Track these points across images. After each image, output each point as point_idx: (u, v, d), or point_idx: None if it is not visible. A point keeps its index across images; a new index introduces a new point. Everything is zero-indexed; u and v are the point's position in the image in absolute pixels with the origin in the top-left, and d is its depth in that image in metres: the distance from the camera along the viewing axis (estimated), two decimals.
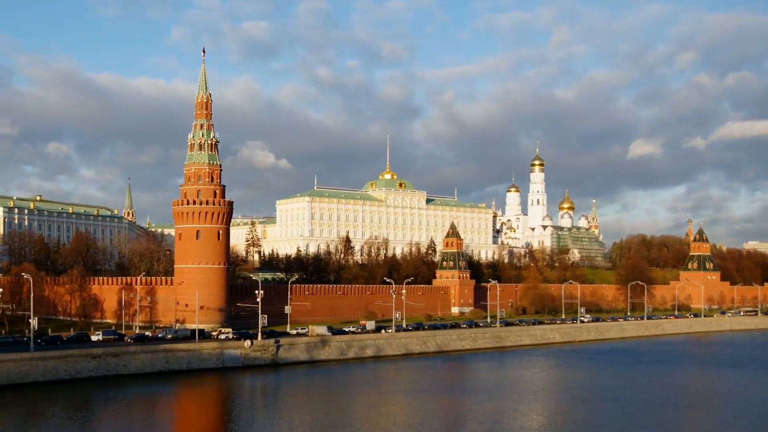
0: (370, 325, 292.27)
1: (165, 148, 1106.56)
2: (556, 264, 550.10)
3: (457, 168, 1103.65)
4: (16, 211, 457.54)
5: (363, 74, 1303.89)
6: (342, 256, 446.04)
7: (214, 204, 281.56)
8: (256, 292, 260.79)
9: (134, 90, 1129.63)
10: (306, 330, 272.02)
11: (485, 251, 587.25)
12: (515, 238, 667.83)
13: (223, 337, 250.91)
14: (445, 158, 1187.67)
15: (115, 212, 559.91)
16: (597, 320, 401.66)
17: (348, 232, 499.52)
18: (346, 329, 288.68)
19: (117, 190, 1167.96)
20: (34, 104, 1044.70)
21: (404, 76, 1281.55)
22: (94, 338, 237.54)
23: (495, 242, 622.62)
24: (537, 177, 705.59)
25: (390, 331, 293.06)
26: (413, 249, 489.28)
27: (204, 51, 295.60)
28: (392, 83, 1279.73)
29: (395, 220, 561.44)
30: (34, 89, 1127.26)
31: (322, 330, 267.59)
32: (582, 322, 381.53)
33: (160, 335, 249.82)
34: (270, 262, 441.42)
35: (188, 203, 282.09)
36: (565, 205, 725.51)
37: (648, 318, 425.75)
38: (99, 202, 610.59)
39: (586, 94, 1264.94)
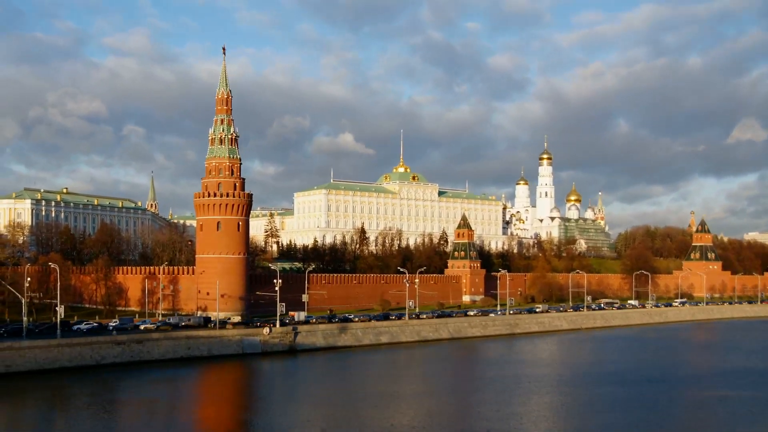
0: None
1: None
2: (564, 254, 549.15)
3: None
4: (43, 203, 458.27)
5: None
6: (357, 246, 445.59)
7: (234, 196, 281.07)
8: (275, 281, 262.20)
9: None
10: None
11: (495, 242, 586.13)
12: (524, 229, 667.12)
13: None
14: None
15: (139, 204, 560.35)
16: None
17: (363, 224, 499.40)
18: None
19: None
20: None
21: None
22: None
23: (505, 233, 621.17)
24: (545, 171, 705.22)
25: (404, 318, 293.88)
26: (426, 240, 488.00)
27: (224, 50, 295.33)
28: None
29: (408, 211, 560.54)
30: None
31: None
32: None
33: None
34: (288, 252, 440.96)
35: (209, 195, 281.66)
36: (572, 198, 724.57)
37: (655, 306, 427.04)
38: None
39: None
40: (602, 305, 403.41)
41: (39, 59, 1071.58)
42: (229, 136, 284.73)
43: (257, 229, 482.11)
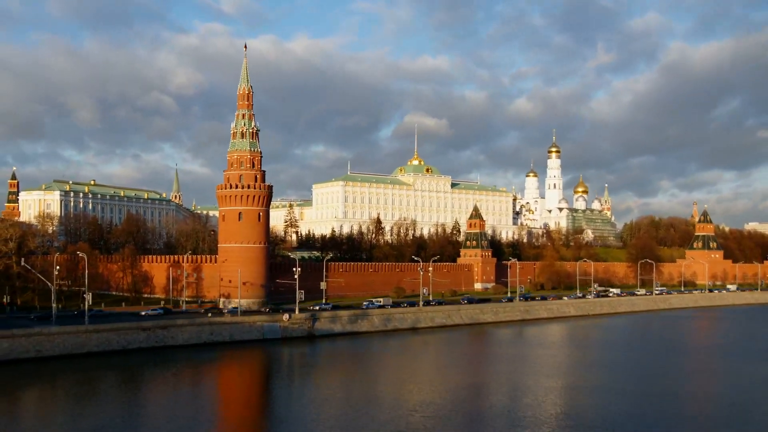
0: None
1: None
2: (572, 243, 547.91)
3: None
4: (71, 194, 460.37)
5: None
6: (373, 236, 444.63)
7: (254, 188, 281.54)
8: (294, 269, 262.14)
9: None
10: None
11: (506, 232, 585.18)
12: (533, 220, 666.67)
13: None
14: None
15: (163, 195, 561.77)
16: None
17: (379, 214, 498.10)
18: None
19: None
20: None
21: None
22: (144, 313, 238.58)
23: (515, 223, 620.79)
24: (553, 163, 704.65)
25: (419, 305, 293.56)
26: (439, 229, 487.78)
27: (246, 47, 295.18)
28: None
29: (422, 202, 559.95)
30: None
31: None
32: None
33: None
34: (307, 242, 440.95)
35: (231, 187, 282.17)
36: (579, 189, 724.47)
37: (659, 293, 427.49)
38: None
39: None
40: (609, 294, 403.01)
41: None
42: (250, 130, 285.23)
43: (277, 220, 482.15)
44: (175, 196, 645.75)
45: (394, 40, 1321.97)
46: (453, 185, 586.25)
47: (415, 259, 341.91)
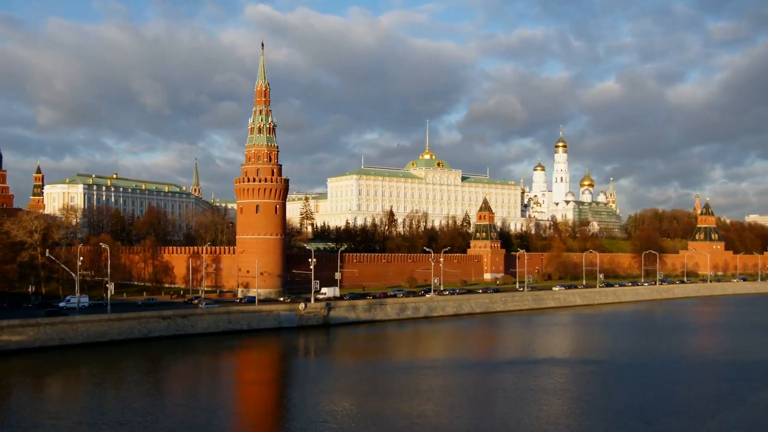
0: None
1: None
2: (578, 235, 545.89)
3: None
4: (95, 187, 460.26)
5: None
6: (386, 228, 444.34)
7: (271, 181, 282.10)
8: (310, 260, 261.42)
9: None
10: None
11: (514, 224, 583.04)
12: (541, 212, 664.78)
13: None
14: None
15: (183, 188, 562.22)
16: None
17: (392, 207, 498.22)
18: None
19: None
20: None
21: None
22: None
23: (523, 216, 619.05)
24: (560, 158, 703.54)
25: (430, 294, 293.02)
26: (450, 222, 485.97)
27: (263, 45, 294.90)
28: None
29: (434, 195, 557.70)
30: None
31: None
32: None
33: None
34: (322, 234, 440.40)
35: (249, 181, 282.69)
36: (586, 183, 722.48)
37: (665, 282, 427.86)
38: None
39: None
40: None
41: None
42: (267, 126, 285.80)
43: (293, 212, 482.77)
44: (195, 189, 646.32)
45: (483, 11, 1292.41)
46: (463, 178, 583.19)
47: (427, 250, 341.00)
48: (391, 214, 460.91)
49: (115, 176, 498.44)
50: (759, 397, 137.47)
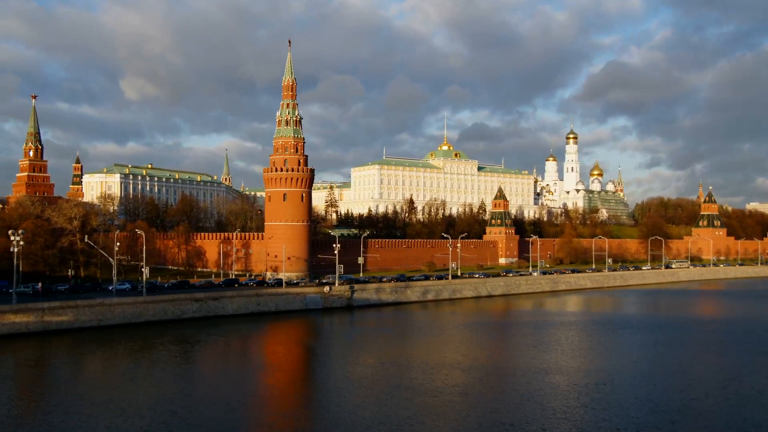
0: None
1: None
2: (588, 222, 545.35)
3: None
4: (131, 177, 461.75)
5: None
6: (407, 215, 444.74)
7: (298, 171, 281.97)
8: (334, 245, 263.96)
9: None
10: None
11: (528, 211, 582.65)
12: (553, 200, 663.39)
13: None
14: None
15: (215, 178, 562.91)
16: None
17: (411, 195, 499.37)
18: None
19: None
20: None
21: None
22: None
23: (536, 203, 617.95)
24: (571, 149, 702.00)
25: (447, 278, 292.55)
26: (467, 209, 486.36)
27: (290, 42, 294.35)
28: None
29: (451, 184, 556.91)
30: None
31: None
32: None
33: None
34: (345, 220, 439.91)
35: (276, 170, 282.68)
36: (595, 172, 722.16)
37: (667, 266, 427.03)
38: None
39: None
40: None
41: None
42: (294, 118, 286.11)
43: (318, 200, 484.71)
44: (226, 179, 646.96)
45: None
46: (479, 168, 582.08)
47: (445, 236, 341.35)
48: (411, 202, 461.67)
49: (150, 166, 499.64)
50: None
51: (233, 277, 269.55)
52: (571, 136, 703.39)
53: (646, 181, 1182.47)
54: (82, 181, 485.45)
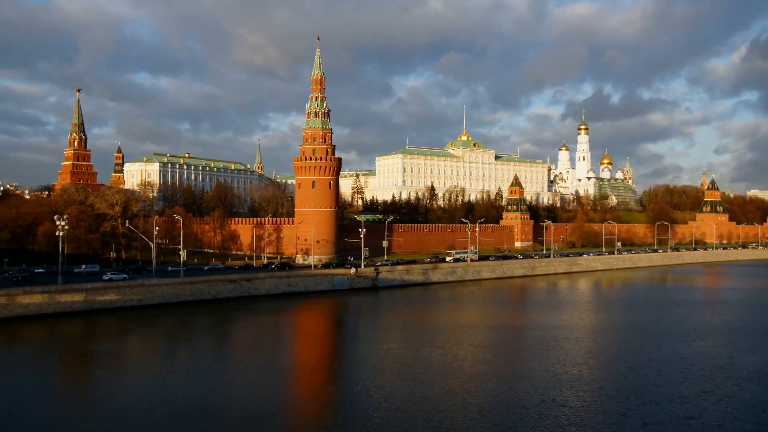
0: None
1: None
2: (598, 207, 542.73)
3: None
4: (169, 166, 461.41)
5: None
6: (428, 201, 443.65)
7: (326, 160, 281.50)
8: (360, 229, 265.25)
9: None
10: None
11: (542, 198, 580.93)
12: (565, 187, 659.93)
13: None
14: None
15: (248, 166, 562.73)
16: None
17: (433, 183, 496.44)
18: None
19: None
20: None
21: None
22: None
23: (549, 190, 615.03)
24: (583, 139, 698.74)
25: (467, 260, 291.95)
26: (484, 196, 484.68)
27: (318, 38, 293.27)
28: None
29: (470, 173, 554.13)
30: None
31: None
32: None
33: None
34: (371, 206, 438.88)
35: (306, 159, 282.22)
36: (605, 161, 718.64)
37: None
38: None
39: None
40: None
41: None
42: (323, 111, 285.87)
43: (345, 187, 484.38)
44: (258, 167, 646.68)
45: None
46: (496, 158, 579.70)
47: (464, 221, 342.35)
48: (432, 189, 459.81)
49: (187, 155, 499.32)
50: None
51: (266, 261, 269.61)
52: (583, 127, 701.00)
53: None
54: (123, 170, 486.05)
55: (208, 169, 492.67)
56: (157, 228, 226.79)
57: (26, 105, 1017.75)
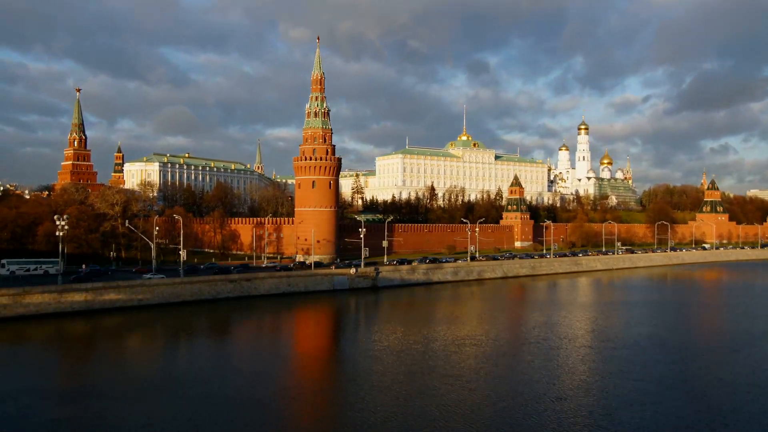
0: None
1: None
2: (598, 207, 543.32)
3: None
4: (169, 165, 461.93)
5: None
6: (428, 201, 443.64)
7: (326, 160, 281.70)
8: (360, 229, 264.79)
9: None
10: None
11: (542, 198, 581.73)
12: (566, 187, 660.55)
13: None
14: None
15: (248, 166, 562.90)
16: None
17: (433, 182, 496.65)
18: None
19: None
20: None
21: None
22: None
23: (549, 190, 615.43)
24: (583, 139, 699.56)
25: (466, 260, 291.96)
26: (484, 196, 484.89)
27: (318, 38, 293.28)
28: None
29: (470, 172, 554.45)
30: None
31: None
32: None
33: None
34: (371, 206, 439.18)
35: (306, 159, 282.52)
36: (605, 161, 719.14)
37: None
38: None
39: None
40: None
41: None
42: (323, 110, 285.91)
43: (345, 187, 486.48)
44: (258, 167, 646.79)
45: None
46: (496, 157, 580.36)
47: (464, 221, 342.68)
48: (432, 189, 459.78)
49: (187, 155, 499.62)
50: None
51: (265, 260, 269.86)
52: (583, 127, 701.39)
53: None
54: (123, 170, 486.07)
55: (207, 169, 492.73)
56: (157, 228, 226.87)
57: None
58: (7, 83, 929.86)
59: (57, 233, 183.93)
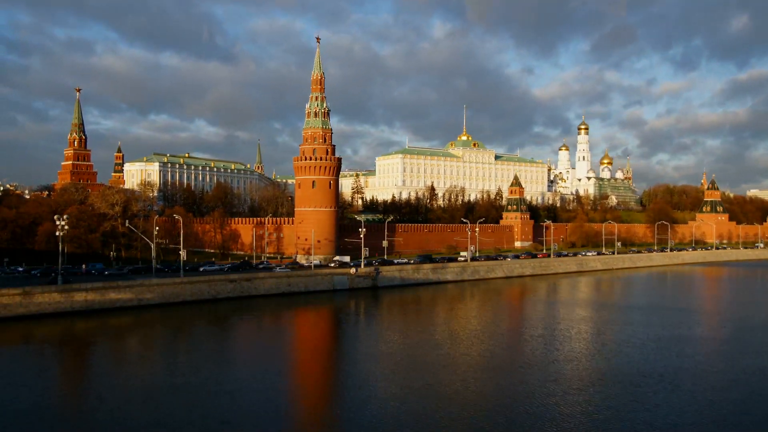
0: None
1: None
2: (598, 207, 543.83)
3: None
4: (169, 165, 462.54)
5: None
6: (428, 201, 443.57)
7: (326, 160, 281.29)
8: (360, 229, 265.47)
9: None
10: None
11: (542, 197, 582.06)
12: (565, 187, 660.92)
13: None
14: None
15: (248, 166, 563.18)
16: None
17: (433, 182, 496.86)
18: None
19: None
20: None
21: None
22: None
23: (549, 190, 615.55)
24: (582, 139, 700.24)
25: (464, 260, 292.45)
26: (484, 196, 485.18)
27: (318, 39, 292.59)
28: None
29: (470, 172, 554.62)
30: None
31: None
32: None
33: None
34: (371, 206, 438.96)
35: (306, 159, 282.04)
36: (605, 161, 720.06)
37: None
38: None
39: None
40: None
41: None
42: (322, 110, 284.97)
43: (345, 187, 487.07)
44: (258, 167, 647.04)
45: None
46: (497, 158, 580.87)
47: (464, 221, 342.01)
48: (432, 189, 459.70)
49: (187, 155, 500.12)
50: None
51: (265, 260, 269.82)
52: (582, 127, 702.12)
53: None
54: (123, 170, 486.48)
55: (207, 168, 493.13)
56: (157, 228, 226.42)
57: None
58: None
59: (57, 233, 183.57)
